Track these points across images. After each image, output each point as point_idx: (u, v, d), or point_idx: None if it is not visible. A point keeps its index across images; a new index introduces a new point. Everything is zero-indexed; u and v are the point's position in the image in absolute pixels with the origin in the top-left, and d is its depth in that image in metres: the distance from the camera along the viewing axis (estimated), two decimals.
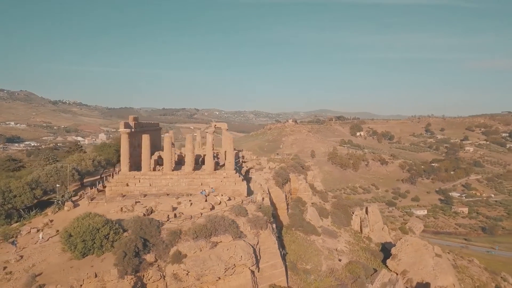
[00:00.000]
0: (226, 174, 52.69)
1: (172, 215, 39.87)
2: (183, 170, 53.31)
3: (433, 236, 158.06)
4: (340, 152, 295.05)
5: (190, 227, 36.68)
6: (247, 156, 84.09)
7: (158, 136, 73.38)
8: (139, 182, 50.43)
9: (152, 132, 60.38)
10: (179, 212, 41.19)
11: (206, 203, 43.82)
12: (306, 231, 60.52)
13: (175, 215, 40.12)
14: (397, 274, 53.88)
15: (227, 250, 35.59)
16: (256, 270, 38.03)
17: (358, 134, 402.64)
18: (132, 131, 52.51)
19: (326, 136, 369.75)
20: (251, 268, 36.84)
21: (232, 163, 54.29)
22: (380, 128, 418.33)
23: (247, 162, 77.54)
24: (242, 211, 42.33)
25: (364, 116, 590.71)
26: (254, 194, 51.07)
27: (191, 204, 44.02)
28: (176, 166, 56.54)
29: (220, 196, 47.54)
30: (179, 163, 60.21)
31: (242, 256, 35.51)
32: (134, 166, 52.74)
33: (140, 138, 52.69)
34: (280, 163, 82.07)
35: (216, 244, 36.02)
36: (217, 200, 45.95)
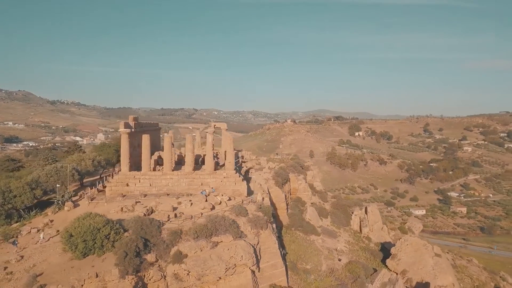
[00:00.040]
0: (226, 174, 52.71)
1: (172, 215, 39.90)
2: (183, 170, 53.31)
3: (431, 236, 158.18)
4: (339, 152, 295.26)
5: (190, 227, 36.74)
6: (246, 156, 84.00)
7: (157, 136, 73.34)
8: (139, 182, 50.42)
9: (152, 132, 60.31)
10: (180, 212, 41.21)
11: (206, 203, 43.87)
12: (305, 231, 60.62)
13: (175, 215, 40.14)
14: (396, 273, 53.95)
15: (228, 250, 35.65)
16: (256, 270, 38.09)
17: (357, 134, 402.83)
18: (132, 131, 52.48)
19: (324, 136, 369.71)
20: (252, 268, 36.90)
21: (232, 163, 54.34)
22: (378, 128, 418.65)
23: (246, 162, 77.53)
24: (242, 211, 42.37)
25: (362, 116, 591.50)
26: (254, 194, 51.10)
27: (192, 204, 44.06)
28: (176, 166, 56.51)
29: (220, 196, 47.58)
30: (179, 163, 60.19)
31: (242, 256, 35.56)
32: (134, 166, 52.71)
33: (140, 138, 52.64)
34: (280, 163, 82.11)
35: (217, 244, 36.09)
36: (217, 200, 45.99)
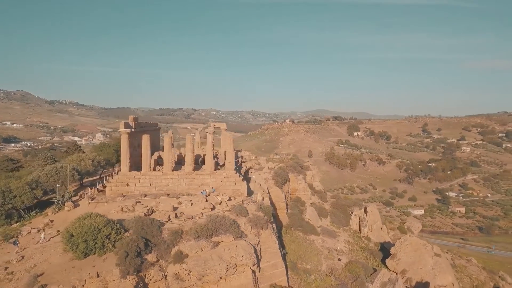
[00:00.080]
0: (226, 174, 52.72)
1: (173, 215, 39.85)
2: (183, 170, 53.29)
3: (430, 235, 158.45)
4: (338, 152, 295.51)
5: (191, 227, 36.72)
6: (246, 156, 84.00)
7: (157, 136, 73.27)
8: (139, 182, 50.39)
9: (152, 132, 60.25)
10: (180, 212, 41.18)
11: (206, 203, 43.87)
12: (305, 231, 60.67)
13: (176, 215, 40.09)
14: (396, 273, 54.02)
15: (229, 250, 35.64)
16: (257, 269, 38.09)
17: (355, 134, 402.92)
18: (132, 131, 52.42)
19: (323, 136, 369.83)
20: (252, 268, 36.91)
21: (232, 163, 54.36)
22: (377, 128, 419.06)
23: (246, 162, 77.53)
24: (242, 211, 42.38)
25: (361, 116, 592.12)
26: (254, 194, 51.13)
27: (192, 204, 44.07)
28: (176, 166, 56.48)
29: (220, 196, 47.59)
30: (179, 163, 60.17)
31: (243, 256, 35.56)
32: (134, 166, 52.66)
33: (140, 138, 52.61)
34: (279, 163, 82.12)
35: (218, 244, 36.08)
36: (217, 200, 46.00)
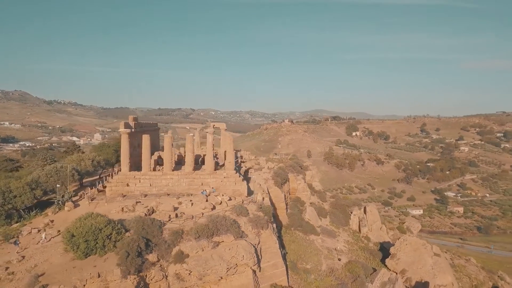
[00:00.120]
0: (227, 174, 52.74)
1: (173, 215, 39.87)
2: (183, 170, 53.28)
3: (429, 235, 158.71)
4: (336, 152, 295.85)
5: (192, 227, 36.73)
6: (245, 156, 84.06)
7: (157, 136, 73.23)
8: (140, 182, 50.37)
9: (151, 132, 60.22)
10: (181, 212, 41.20)
11: (207, 203, 43.90)
12: (305, 231, 60.75)
13: (176, 215, 40.11)
14: (396, 273, 54.14)
15: (229, 249, 35.66)
16: (257, 269, 38.10)
17: (354, 134, 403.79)
18: (132, 131, 52.38)
19: (322, 136, 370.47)
20: (253, 267, 36.92)
21: (232, 163, 54.39)
22: (375, 128, 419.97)
23: (245, 162, 77.56)
24: (243, 211, 42.41)
25: (359, 116, 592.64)
26: (254, 194, 51.16)
27: (192, 204, 44.09)
28: (176, 166, 56.45)
29: (220, 196, 47.60)
30: (179, 163, 60.14)
31: (244, 256, 35.57)
32: (134, 166, 52.62)
33: (139, 138, 52.58)
34: (279, 163, 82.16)
35: (218, 244, 36.10)
36: (218, 200, 46.02)
